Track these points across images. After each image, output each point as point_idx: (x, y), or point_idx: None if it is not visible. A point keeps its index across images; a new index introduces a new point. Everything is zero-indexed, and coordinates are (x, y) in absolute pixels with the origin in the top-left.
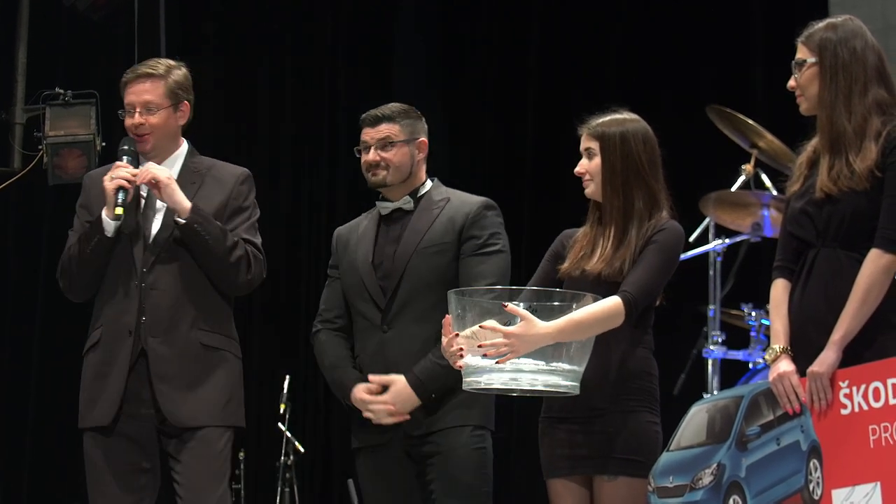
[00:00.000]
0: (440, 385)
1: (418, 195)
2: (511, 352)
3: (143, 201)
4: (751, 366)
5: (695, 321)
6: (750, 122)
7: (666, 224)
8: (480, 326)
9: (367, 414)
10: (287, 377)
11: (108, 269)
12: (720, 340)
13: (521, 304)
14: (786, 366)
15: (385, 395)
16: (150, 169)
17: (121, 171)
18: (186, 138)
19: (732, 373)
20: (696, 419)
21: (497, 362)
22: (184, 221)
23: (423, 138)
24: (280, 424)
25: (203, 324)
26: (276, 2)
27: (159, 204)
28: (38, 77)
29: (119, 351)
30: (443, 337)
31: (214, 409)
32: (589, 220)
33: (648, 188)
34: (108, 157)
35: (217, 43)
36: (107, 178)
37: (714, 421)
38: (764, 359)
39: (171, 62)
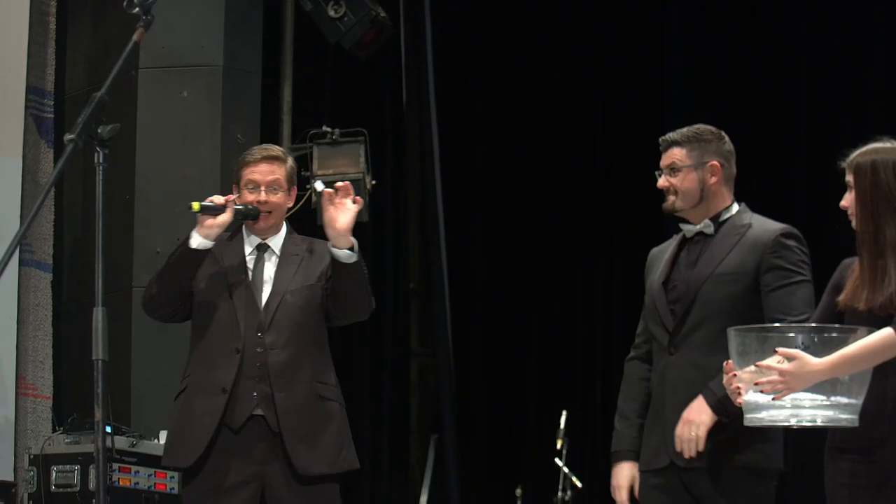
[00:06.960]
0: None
1: (720, 220)
2: (786, 388)
3: (250, 274)
4: None
5: None
6: None
7: None
8: (756, 365)
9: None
10: (564, 412)
11: (210, 328)
12: None
13: (801, 338)
14: None
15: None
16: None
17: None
18: None
19: None
20: None
21: (773, 398)
22: (357, 257)
23: (715, 161)
24: (557, 460)
25: (318, 377)
26: (542, 33)
27: (266, 276)
28: (304, 115)
29: (212, 405)
30: (723, 375)
31: (332, 458)
32: None
33: None
34: (379, 196)
35: (485, 77)
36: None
37: None
38: None
39: (283, 151)
